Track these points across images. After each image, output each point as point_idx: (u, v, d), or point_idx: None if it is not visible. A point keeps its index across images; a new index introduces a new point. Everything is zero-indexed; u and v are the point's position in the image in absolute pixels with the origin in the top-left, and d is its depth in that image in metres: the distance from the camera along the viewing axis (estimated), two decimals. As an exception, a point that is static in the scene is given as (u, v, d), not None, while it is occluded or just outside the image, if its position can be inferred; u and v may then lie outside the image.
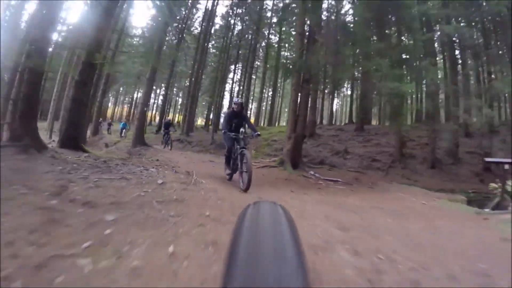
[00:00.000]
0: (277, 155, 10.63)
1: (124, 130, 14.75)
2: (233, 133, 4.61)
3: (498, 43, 13.51)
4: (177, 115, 29.14)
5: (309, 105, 9.37)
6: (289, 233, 0.47)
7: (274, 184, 5.61)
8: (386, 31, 8.53)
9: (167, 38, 15.99)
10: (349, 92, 23.95)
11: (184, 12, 17.59)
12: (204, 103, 26.36)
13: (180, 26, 17.17)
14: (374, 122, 21.64)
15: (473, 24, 12.94)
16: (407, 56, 7.65)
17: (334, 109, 26.88)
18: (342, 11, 14.67)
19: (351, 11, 13.08)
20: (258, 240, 0.45)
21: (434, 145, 11.42)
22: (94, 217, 1.77)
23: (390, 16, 7.73)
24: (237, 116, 4.83)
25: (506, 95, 14.58)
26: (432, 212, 4.05)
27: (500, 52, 13.46)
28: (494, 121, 12.12)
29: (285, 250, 0.40)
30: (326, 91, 18.97)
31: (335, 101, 28.86)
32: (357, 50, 7.15)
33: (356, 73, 13.17)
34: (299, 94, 7.62)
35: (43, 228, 1.51)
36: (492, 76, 13.71)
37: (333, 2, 9.28)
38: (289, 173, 7.02)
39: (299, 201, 3.76)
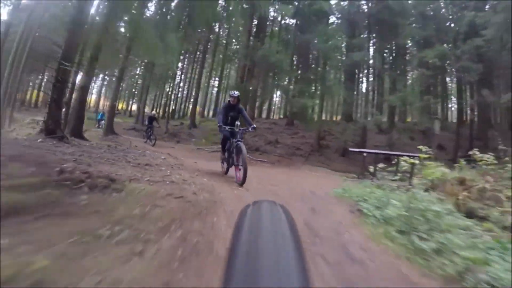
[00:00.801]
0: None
1: (102, 122, 14.77)
2: (228, 127, 4.64)
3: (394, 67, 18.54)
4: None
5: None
6: (289, 233, 0.47)
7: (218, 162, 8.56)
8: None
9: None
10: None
11: None
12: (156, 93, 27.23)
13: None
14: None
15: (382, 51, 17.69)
16: (318, 79, 11.39)
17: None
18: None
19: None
20: (258, 240, 0.45)
21: (344, 139, 15.63)
22: (149, 167, 4.39)
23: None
24: (233, 109, 4.89)
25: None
26: (321, 178, 7.45)
27: (397, 72, 18.40)
28: (382, 123, 17.05)
29: (285, 250, 0.41)
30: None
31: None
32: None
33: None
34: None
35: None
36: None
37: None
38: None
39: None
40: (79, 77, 7.55)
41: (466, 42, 12.92)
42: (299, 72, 11.49)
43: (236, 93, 4.97)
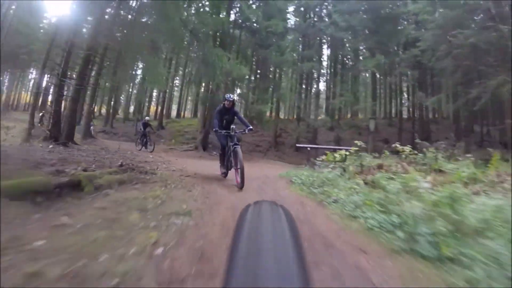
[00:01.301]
0: (189, 142, 15.01)
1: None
2: (224, 131, 4.65)
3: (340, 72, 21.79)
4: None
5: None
6: (289, 233, 0.48)
7: (194, 159, 10.33)
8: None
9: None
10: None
11: None
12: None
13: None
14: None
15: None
16: (273, 87, 13.80)
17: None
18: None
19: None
20: (259, 240, 0.45)
21: (298, 136, 18.28)
22: (154, 163, 6.10)
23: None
24: (228, 113, 4.90)
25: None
26: (275, 168, 9.68)
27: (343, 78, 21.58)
28: (328, 122, 20.16)
29: (285, 250, 0.41)
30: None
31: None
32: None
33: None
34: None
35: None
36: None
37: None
38: (201, 154, 11.94)
39: (208, 163, 8.65)
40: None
41: (405, 52, 16.13)
42: (258, 81, 13.99)
43: (232, 96, 5.00)
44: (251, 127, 4.85)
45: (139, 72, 19.90)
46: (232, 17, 12.94)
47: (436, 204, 2.33)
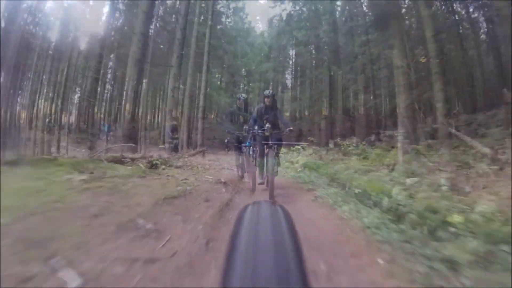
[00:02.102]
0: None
1: (110, 134, 12.79)
2: (259, 130, 4.12)
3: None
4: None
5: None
6: (288, 233, 0.48)
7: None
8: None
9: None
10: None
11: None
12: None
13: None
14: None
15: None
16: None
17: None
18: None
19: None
20: (257, 240, 0.45)
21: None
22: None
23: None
24: (269, 111, 4.31)
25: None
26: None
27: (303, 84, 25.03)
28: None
29: (284, 251, 0.41)
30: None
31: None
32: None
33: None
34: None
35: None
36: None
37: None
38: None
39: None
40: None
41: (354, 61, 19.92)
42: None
43: (270, 91, 4.43)
44: (291, 128, 4.27)
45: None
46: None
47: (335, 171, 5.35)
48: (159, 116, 20.86)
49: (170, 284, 1.49)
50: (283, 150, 6.69)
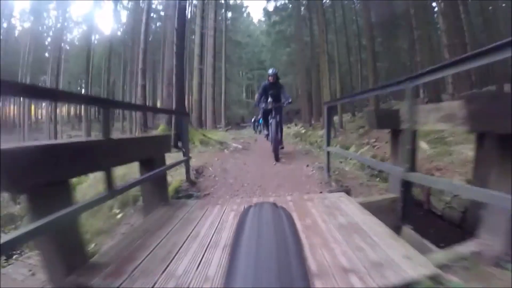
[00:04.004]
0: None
1: None
2: (264, 104, 4.91)
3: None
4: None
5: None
6: (289, 234, 0.49)
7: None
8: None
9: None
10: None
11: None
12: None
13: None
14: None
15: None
16: None
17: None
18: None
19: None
20: (260, 241, 0.46)
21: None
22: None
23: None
24: (273, 87, 4.89)
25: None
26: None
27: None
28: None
29: (286, 251, 0.42)
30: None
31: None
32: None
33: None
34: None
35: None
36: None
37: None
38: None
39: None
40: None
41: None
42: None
43: (274, 70, 4.98)
44: (290, 101, 4.75)
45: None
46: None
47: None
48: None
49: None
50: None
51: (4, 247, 0.90)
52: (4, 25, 24.00)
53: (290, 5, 20.51)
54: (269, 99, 4.85)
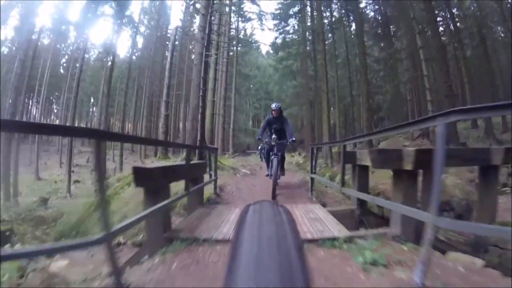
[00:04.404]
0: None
1: None
2: (266, 140, 4.85)
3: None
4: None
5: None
6: (290, 234, 0.48)
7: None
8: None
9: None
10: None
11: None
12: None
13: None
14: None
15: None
16: None
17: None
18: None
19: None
20: (260, 241, 0.45)
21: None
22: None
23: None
24: (276, 122, 4.89)
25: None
26: None
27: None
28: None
29: (286, 251, 0.41)
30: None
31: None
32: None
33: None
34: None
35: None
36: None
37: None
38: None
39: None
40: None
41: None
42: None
43: (277, 105, 4.96)
44: (293, 139, 4.77)
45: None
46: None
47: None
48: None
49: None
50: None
51: (133, 223, 2.27)
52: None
53: (298, 40, 22.66)
54: (273, 136, 4.74)
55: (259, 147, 17.48)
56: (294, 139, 4.79)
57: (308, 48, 20.88)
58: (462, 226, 1.97)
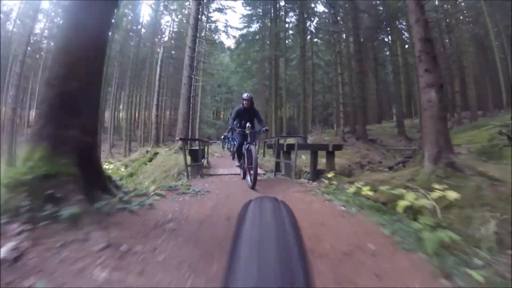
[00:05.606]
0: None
1: None
2: (240, 129, 4.67)
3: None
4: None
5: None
6: (291, 230, 0.48)
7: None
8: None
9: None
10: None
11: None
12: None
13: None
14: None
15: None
16: None
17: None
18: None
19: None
20: (260, 238, 0.45)
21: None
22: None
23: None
24: (247, 112, 4.79)
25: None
26: None
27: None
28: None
29: (287, 248, 0.41)
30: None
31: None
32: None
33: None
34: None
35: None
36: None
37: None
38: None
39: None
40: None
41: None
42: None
43: (249, 95, 4.86)
44: (266, 128, 4.77)
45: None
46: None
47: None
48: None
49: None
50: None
51: (194, 167, 6.59)
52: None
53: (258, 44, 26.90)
54: (248, 124, 4.66)
55: (222, 137, 20.93)
56: (267, 128, 4.92)
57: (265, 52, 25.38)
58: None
